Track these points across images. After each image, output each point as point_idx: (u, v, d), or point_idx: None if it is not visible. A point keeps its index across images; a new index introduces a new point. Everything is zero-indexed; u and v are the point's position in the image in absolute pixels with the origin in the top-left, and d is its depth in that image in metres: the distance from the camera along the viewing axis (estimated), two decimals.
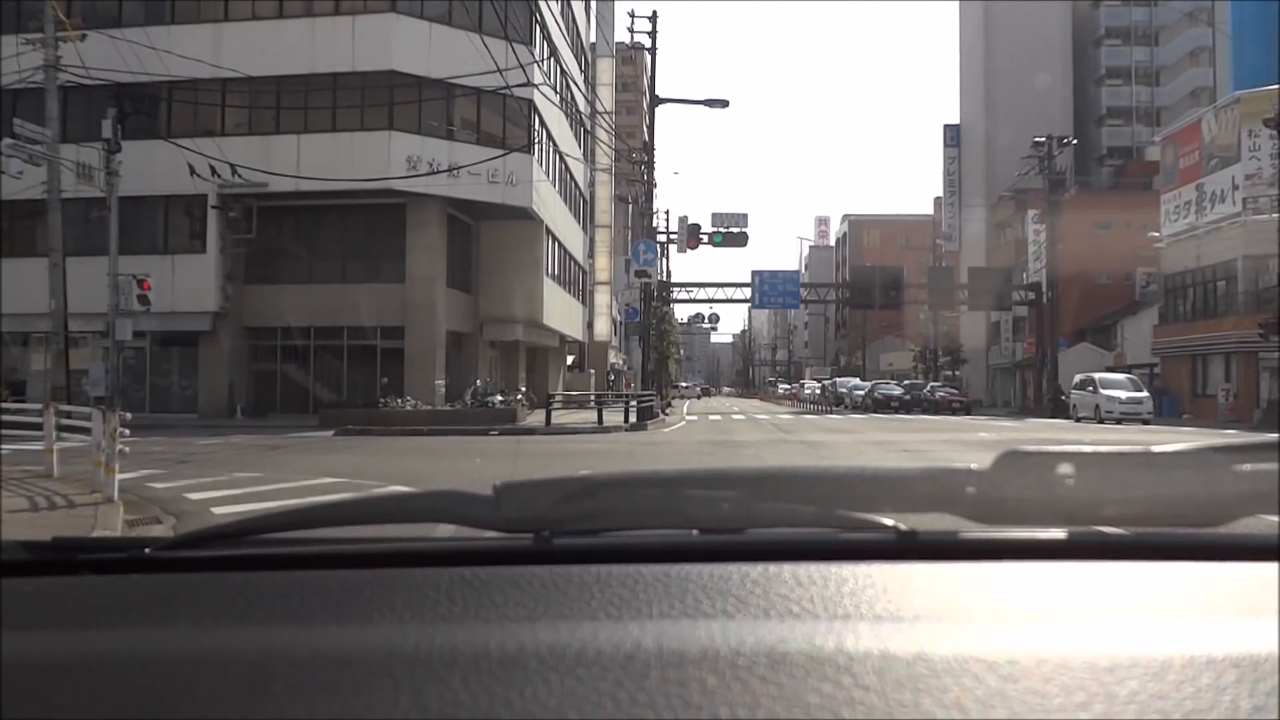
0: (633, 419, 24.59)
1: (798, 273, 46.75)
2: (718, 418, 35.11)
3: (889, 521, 1.01)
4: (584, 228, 43.65)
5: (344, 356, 27.43)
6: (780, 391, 79.57)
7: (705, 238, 30.10)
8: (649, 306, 29.10)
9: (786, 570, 0.90)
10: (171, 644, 0.80)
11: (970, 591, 0.89)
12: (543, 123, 29.77)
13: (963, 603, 0.86)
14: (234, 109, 26.51)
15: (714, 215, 31.79)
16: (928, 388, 42.72)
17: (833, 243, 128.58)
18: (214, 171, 24.10)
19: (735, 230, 30.81)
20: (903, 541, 0.99)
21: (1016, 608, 0.85)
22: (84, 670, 0.75)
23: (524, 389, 32.24)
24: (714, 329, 70.87)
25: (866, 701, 0.66)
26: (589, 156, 43.56)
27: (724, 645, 0.74)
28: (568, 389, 43.13)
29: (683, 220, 31.48)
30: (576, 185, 40.29)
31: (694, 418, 35.43)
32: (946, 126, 73.09)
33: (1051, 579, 0.92)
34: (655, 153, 29.34)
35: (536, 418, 25.25)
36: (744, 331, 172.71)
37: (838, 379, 53.55)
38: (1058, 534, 1.00)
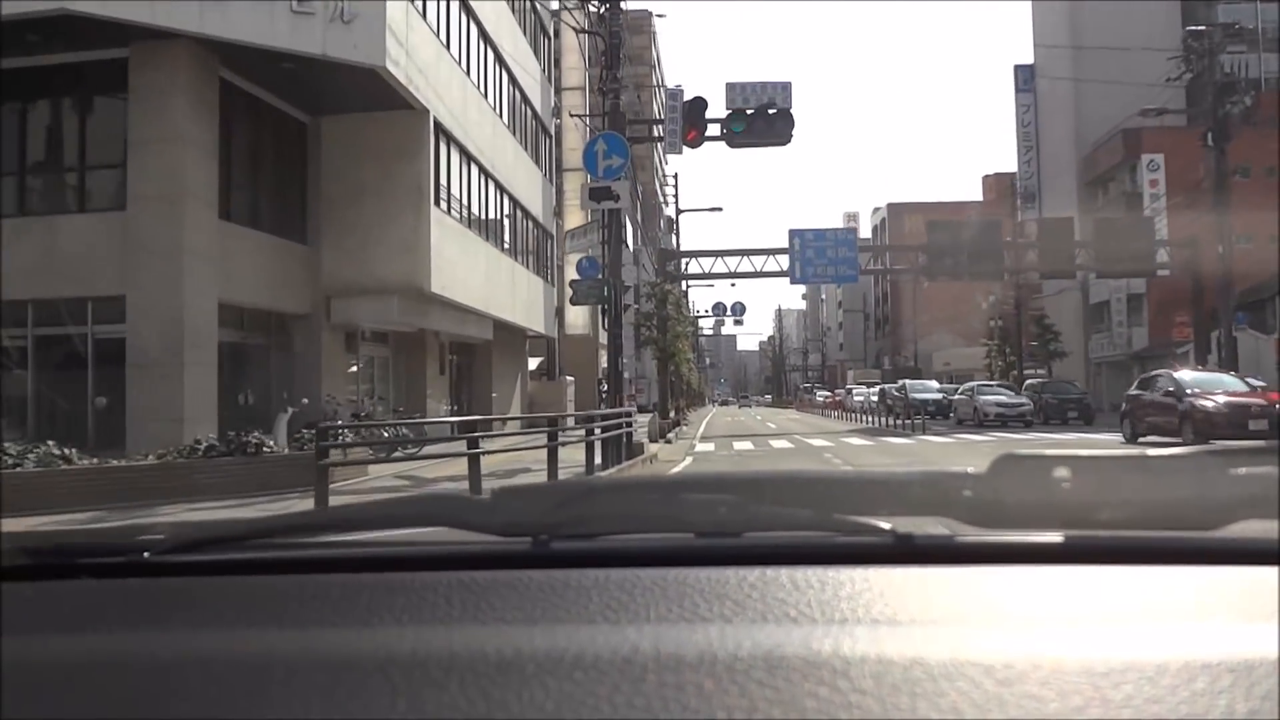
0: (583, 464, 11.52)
1: (854, 231, 33.41)
2: (748, 447, 21.96)
3: (886, 525, 0.99)
4: (549, 177, 30.64)
5: (28, 355, 14.45)
6: (819, 400, 66.11)
7: (719, 128, 16.59)
8: (618, 254, 15.99)
9: (783, 574, 0.90)
10: (170, 648, 0.79)
11: (967, 595, 0.88)
12: None
13: (959, 606, 0.85)
14: None
15: (730, 87, 18.10)
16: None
17: (867, 234, 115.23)
18: None
19: (770, 109, 17.03)
20: (899, 545, 0.98)
21: (1013, 612, 0.84)
22: (83, 674, 0.76)
23: (408, 409, 19.21)
24: (739, 322, 57.32)
25: (863, 705, 0.66)
26: (552, 74, 30.59)
27: (721, 649, 0.73)
28: (533, 406, 30.07)
29: (675, 94, 17.90)
30: (530, 108, 27.30)
31: (709, 447, 22.26)
32: (1018, 67, 59.52)
33: (1048, 583, 0.91)
34: None
35: (385, 471, 12.30)
36: (772, 337, 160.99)
37: (908, 382, 40.00)
38: (1054, 538, 0.98)
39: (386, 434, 13.78)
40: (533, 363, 31.99)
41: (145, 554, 1.07)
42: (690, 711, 0.66)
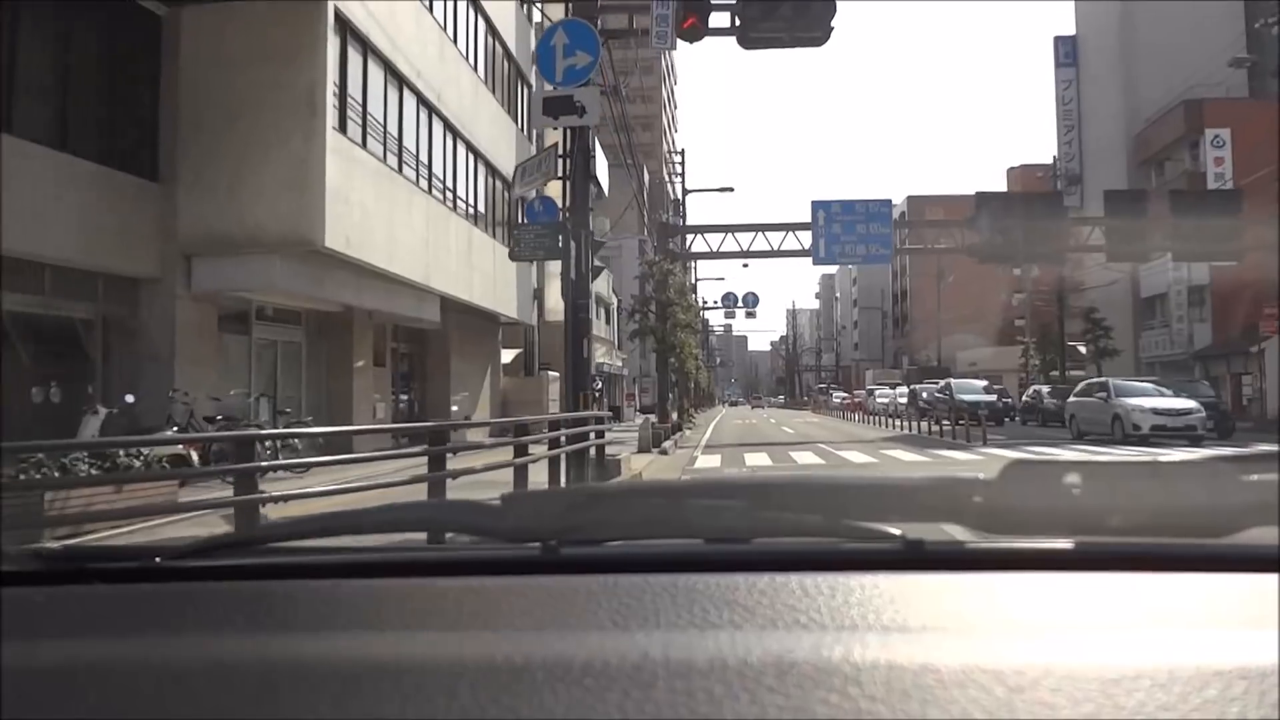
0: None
1: (889, 204, 28.56)
2: (763, 461, 17.13)
3: (896, 531, 0.99)
4: (528, 135, 25.82)
5: None
6: (836, 401, 61.49)
7: (730, 16, 11.83)
8: (585, 193, 11.26)
9: (793, 580, 0.90)
10: (181, 653, 0.80)
11: (977, 602, 0.89)
12: None
13: (969, 613, 0.86)
14: None
15: None
16: None
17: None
18: None
19: None
20: (909, 551, 0.98)
21: (1023, 618, 0.85)
22: (93, 679, 0.76)
23: (308, 415, 14.49)
24: (752, 314, 52.56)
25: (874, 712, 0.67)
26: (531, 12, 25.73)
27: (731, 655, 0.74)
28: (506, 406, 25.27)
29: None
30: (500, 42, 22.55)
31: (713, 461, 17.44)
32: (1058, 39, 54.44)
33: (1058, 589, 0.91)
34: None
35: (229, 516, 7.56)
36: (784, 336, 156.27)
37: (953, 381, 35.10)
38: (1064, 544, 0.99)
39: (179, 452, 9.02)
40: (509, 355, 27.19)
41: (156, 559, 1.07)
42: (700, 718, 0.66)
